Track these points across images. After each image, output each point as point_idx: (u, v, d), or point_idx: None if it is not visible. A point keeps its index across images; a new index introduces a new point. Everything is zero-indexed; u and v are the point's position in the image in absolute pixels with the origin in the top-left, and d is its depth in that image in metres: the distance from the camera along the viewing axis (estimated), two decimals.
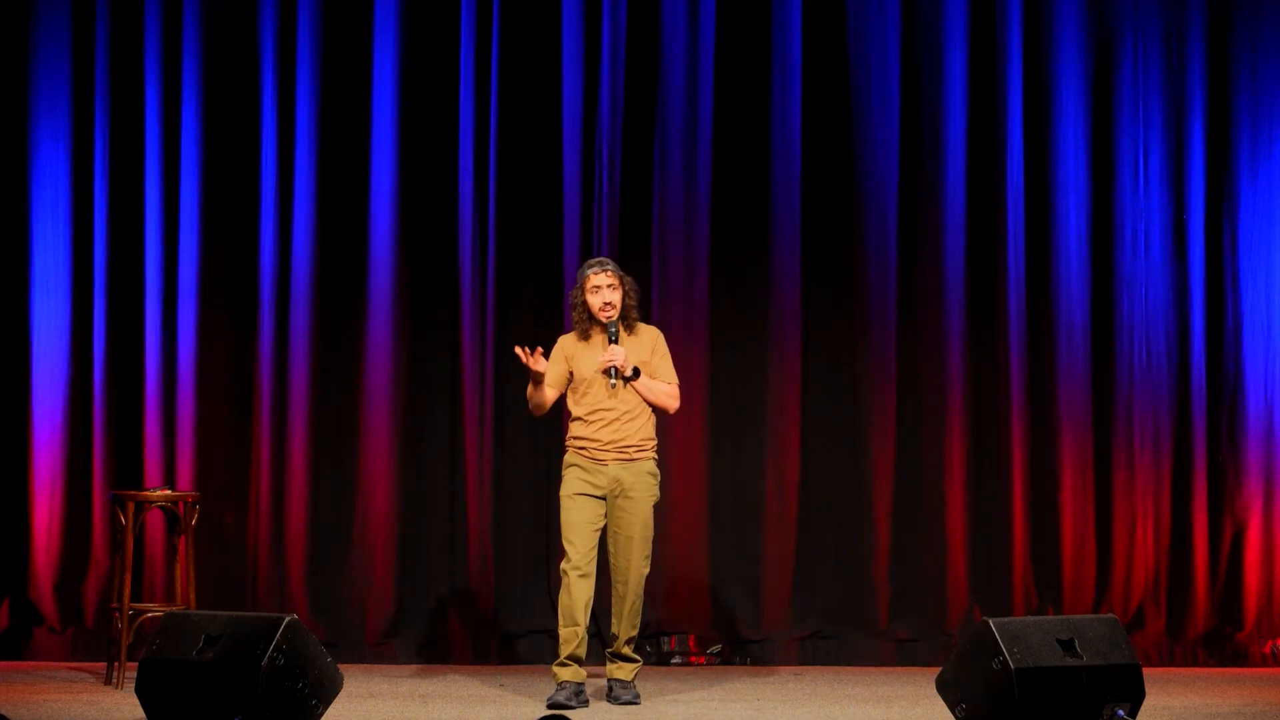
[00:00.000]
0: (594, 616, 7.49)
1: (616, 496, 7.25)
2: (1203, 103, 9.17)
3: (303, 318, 9.02)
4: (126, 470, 8.93)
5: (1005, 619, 6.20)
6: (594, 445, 7.26)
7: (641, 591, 7.30)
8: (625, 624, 7.31)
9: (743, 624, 9.05)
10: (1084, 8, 9.18)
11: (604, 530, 7.29)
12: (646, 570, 7.31)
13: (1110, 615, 6.68)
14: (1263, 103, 9.17)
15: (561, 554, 7.26)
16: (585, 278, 7.30)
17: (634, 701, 7.33)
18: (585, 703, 7.26)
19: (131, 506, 7.93)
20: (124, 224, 9.02)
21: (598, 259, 7.39)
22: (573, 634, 7.19)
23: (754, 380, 9.14)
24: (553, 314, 9.07)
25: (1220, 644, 9.07)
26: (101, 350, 8.96)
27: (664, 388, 7.34)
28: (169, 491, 8.10)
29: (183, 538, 7.98)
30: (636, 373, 7.27)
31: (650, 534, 7.30)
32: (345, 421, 9.03)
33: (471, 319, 9.02)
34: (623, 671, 7.38)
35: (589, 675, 7.38)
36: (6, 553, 8.94)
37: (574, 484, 7.28)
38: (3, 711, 6.59)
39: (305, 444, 8.99)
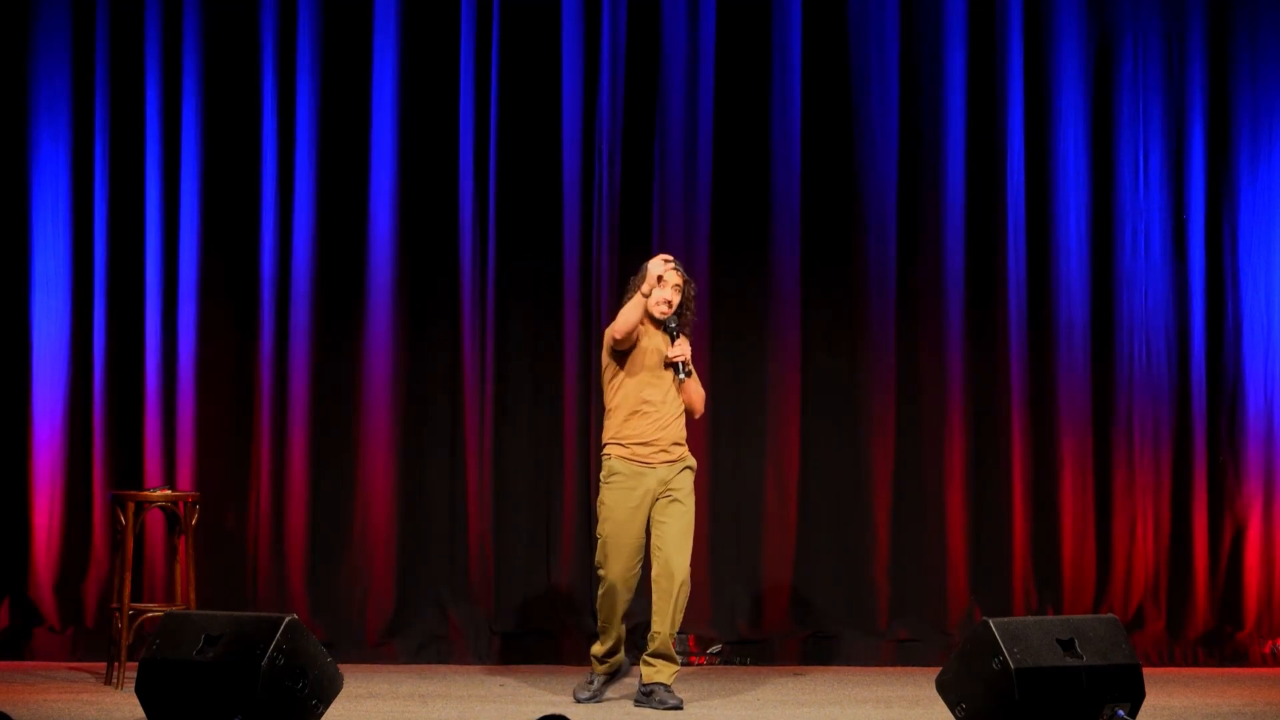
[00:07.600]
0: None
1: (661, 497, 7.18)
2: (1203, 103, 9.16)
3: (303, 318, 9.01)
4: (126, 470, 8.92)
5: (1005, 619, 6.21)
6: (640, 445, 7.16)
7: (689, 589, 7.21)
8: (670, 621, 7.14)
9: (743, 624, 9.04)
10: (1084, 8, 9.18)
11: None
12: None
13: (1110, 615, 6.69)
14: (1263, 103, 9.16)
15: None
16: (654, 272, 7.17)
17: (679, 706, 7.17)
18: None
19: (131, 506, 7.92)
20: (124, 224, 9.01)
21: (667, 255, 7.30)
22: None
23: (754, 380, 9.13)
24: (553, 314, 9.06)
25: (1220, 644, 9.07)
26: (101, 350, 8.95)
27: (701, 390, 7.38)
28: (169, 491, 8.10)
29: (183, 538, 7.98)
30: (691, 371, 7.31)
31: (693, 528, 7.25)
32: (345, 421, 9.02)
33: (471, 319, 9.02)
34: (664, 674, 7.23)
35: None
36: (6, 553, 8.93)
37: (619, 495, 7.18)
38: (3, 711, 6.58)
39: (305, 444, 8.98)
